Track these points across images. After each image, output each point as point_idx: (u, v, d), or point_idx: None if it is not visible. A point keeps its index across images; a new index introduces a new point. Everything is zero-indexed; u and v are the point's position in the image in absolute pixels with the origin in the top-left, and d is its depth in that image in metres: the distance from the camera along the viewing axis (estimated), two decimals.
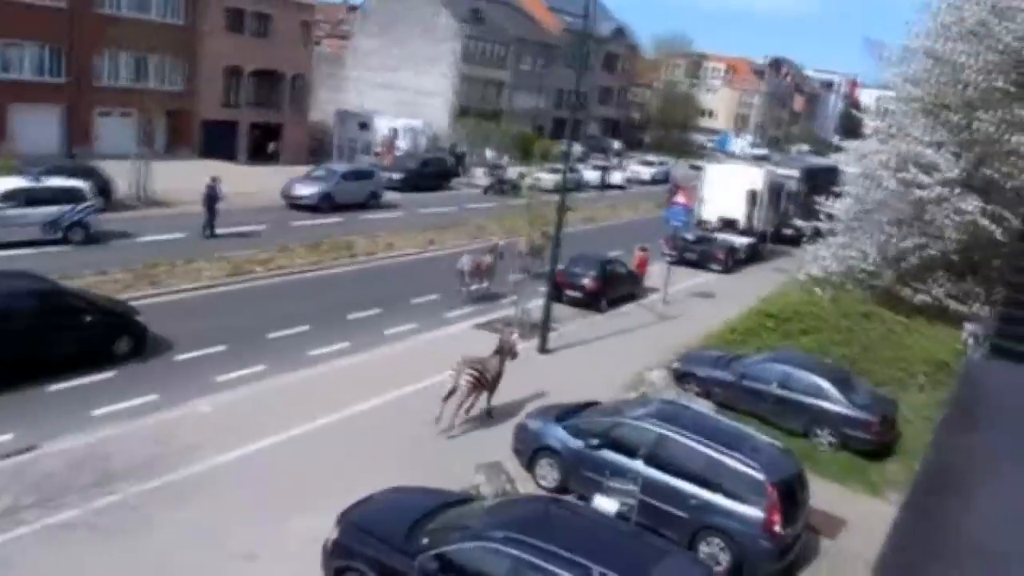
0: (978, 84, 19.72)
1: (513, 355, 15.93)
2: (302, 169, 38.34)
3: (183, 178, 31.76)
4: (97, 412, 14.00)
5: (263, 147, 48.07)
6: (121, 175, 29.92)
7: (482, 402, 15.41)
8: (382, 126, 50.87)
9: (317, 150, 50.92)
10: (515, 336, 16.69)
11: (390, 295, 22.94)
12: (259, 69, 47.14)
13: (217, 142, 44.36)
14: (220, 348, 17.53)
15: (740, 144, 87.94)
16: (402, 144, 50.00)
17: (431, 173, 44.71)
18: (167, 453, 12.61)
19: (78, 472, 11.77)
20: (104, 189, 27.85)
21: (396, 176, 41.84)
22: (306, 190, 33.95)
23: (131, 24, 38.86)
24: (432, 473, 12.53)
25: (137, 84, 40.25)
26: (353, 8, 71.22)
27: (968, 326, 17.48)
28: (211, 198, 27.11)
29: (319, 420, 14.47)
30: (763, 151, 78.76)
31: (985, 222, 18.96)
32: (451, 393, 14.77)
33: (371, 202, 36.11)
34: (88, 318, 15.73)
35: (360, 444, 13.80)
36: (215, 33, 43.80)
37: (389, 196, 38.13)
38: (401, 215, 35.34)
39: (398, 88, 61.33)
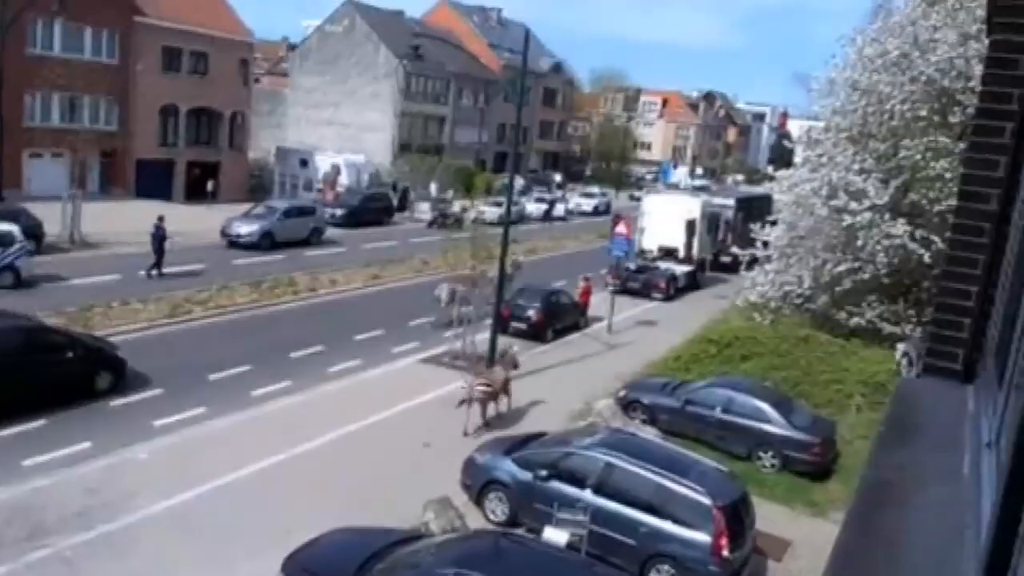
0: (902, 114, 20.57)
1: (515, 365, 18.35)
2: (242, 207, 37.87)
3: (118, 219, 31.06)
4: (27, 462, 13.45)
5: (202, 186, 47.37)
6: (53, 217, 29.11)
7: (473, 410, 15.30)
8: (323, 162, 50.64)
9: (258, 188, 50.38)
10: (515, 349, 19.22)
11: (334, 332, 22.67)
12: (196, 107, 46.60)
13: (153, 182, 43.56)
14: (158, 391, 17.07)
15: (681, 175, 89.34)
16: (344, 180, 49.82)
17: (374, 208, 44.60)
18: (102, 503, 12.18)
19: (8, 526, 11.27)
20: (35, 232, 27.06)
21: (338, 212, 41.61)
22: (246, 228, 33.50)
23: (63, 65, 38.15)
24: (381, 511, 12.34)
25: (69, 125, 39.41)
26: (292, 46, 71.07)
27: (900, 346, 18.04)
28: (159, 238, 26.71)
29: (262, 462, 14.15)
30: (703, 181, 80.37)
31: (914, 246, 19.66)
32: (463, 403, 16.38)
33: (313, 239, 35.79)
34: (70, 354, 16.16)
35: (305, 485, 13.52)
36: (150, 72, 43.21)
37: (332, 232, 37.86)
38: (344, 251, 35.09)
39: (339, 124, 61.23)
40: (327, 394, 18.22)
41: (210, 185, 47.63)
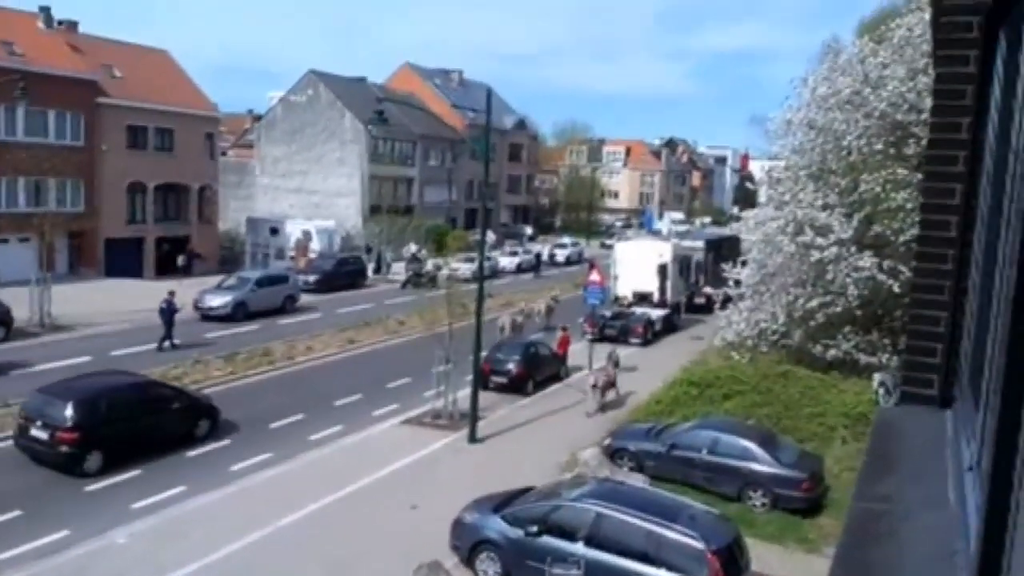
0: (859, 149, 21.06)
1: (617, 364, 24.33)
2: (214, 280, 37.66)
3: (88, 300, 30.74)
4: (1, 556, 13.05)
5: (172, 261, 47.13)
6: (22, 302, 28.73)
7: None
8: (294, 230, 50.67)
9: (229, 259, 50.20)
10: (617, 350, 25.56)
11: (312, 400, 22.41)
12: (164, 183, 46.61)
13: (123, 260, 43.28)
14: (135, 472, 16.69)
15: (665, 221, 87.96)
16: (316, 246, 49.82)
17: (347, 272, 44.55)
18: None
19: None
20: (3, 318, 26.67)
21: (312, 278, 41.50)
22: (218, 300, 33.27)
23: (26, 149, 38.09)
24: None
25: (35, 208, 39.12)
26: (258, 117, 71.63)
27: (876, 376, 18.16)
28: (170, 312, 26.98)
29: (244, 538, 13.83)
30: (686, 227, 79.99)
31: (882, 277, 19.96)
32: (594, 387, 22.24)
33: (288, 307, 35.60)
34: (176, 405, 18.54)
35: (291, 557, 13.22)
36: (116, 151, 43.25)
37: (306, 299, 37.70)
38: (319, 317, 34.89)
39: (308, 191, 61.48)
40: (310, 463, 17.94)
41: (181, 260, 47.38)
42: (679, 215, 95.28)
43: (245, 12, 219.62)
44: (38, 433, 16.34)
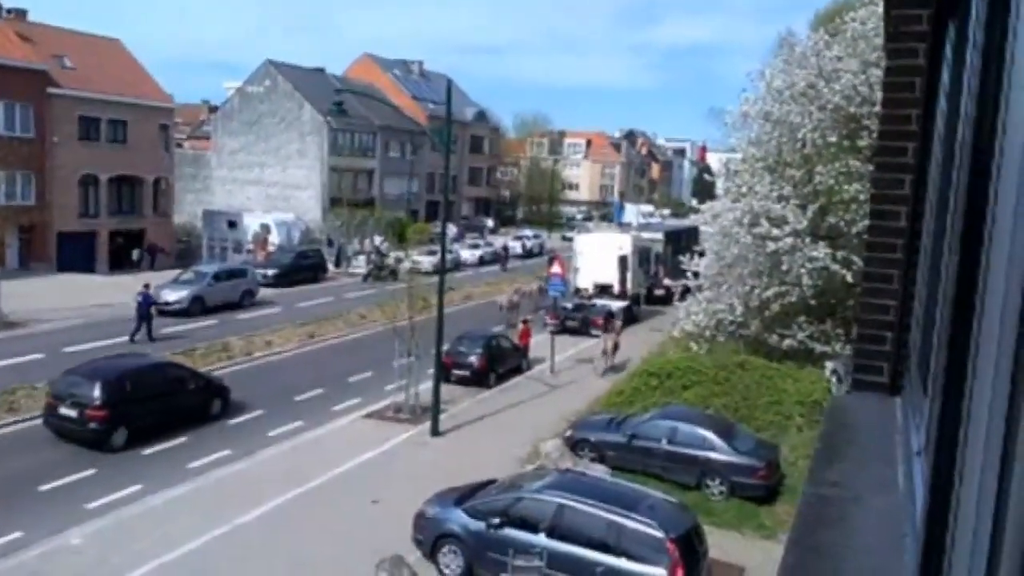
0: (813, 141, 21.37)
1: (619, 331, 27.30)
2: (170, 274, 37.00)
3: (40, 295, 30.01)
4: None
5: (126, 255, 46.20)
6: None
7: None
8: (252, 223, 49.98)
9: (186, 253, 49.37)
10: (618, 323, 28.61)
11: (271, 395, 22.16)
12: (117, 176, 45.63)
13: (75, 254, 42.31)
14: (89, 472, 16.39)
15: (632, 214, 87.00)
16: (275, 239, 49.20)
17: (307, 266, 44.07)
18: None
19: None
20: None
21: (271, 272, 40.95)
22: (175, 295, 32.67)
23: None
24: (324, 572, 12.01)
25: None
26: (214, 108, 70.44)
27: (829, 364, 18.52)
28: (146, 304, 27.12)
29: (202, 536, 13.66)
30: (657, 219, 79.53)
31: (836, 267, 20.30)
32: (604, 352, 25.97)
33: (246, 301, 35.11)
34: (192, 385, 19.84)
35: (251, 555, 13.08)
36: (67, 143, 42.24)
37: (265, 293, 37.23)
38: (278, 311, 34.49)
39: (266, 184, 60.66)
40: (269, 459, 17.76)
41: (135, 254, 46.47)
42: (649, 207, 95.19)
43: (202, 2, 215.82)
44: (67, 411, 17.56)
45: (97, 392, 17.47)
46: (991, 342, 1.27)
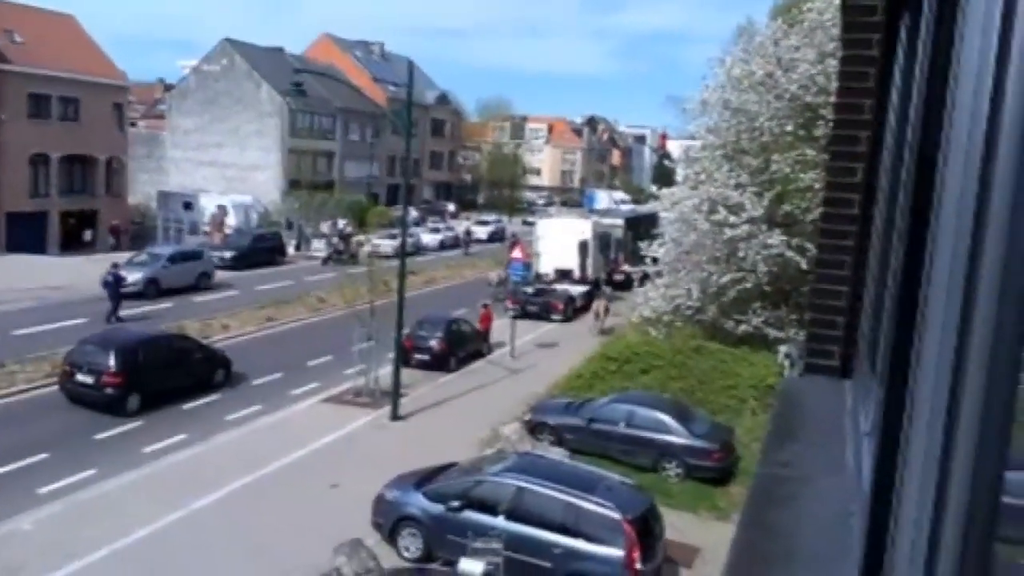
0: (771, 130, 21.66)
1: (611, 298, 30.47)
2: (124, 256, 36.24)
3: None
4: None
5: (78, 236, 45.12)
6: None
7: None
8: (209, 205, 49.11)
9: (140, 235, 48.36)
10: (608, 290, 32.20)
11: (228, 379, 21.90)
12: (69, 155, 44.44)
13: (25, 234, 41.18)
14: (41, 456, 16.07)
15: (606, 200, 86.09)
16: (232, 221, 48.43)
17: (265, 248, 43.46)
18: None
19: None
20: None
21: (228, 255, 40.32)
22: (129, 277, 32.00)
23: None
24: (289, 560, 11.96)
25: None
26: (169, 87, 68.94)
27: (782, 348, 18.88)
28: (116, 284, 27.17)
29: (156, 522, 13.50)
30: (631, 206, 78.76)
31: (791, 254, 20.65)
32: (597, 316, 29.30)
33: (202, 283, 34.57)
34: (198, 355, 21.16)
35: (207, 540, 12.97)
36: (17, 120, 40.99)
37: (222, 276, 36.67)
38: (236, 294, 34.01)
39: (223, 165, 59.62)
40: (225, 444, 17.59)
41: (87, 235, 45.42)
42: (621, 194, 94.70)
43: None
44: (84, 378, 18.77)
45: (112, 360, 18.62)
46: (935, 327, 1.31)
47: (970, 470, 1.08)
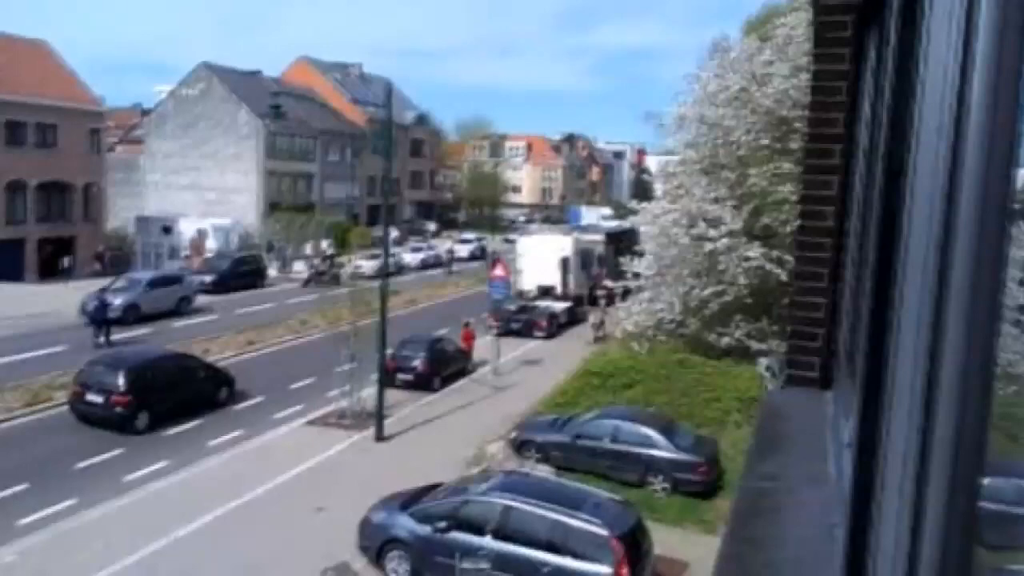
0: (747, 144, 21.87)
1: (605, 308, 30.59)
2: (104, 281, 35.88)
3: None
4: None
5: (55, 263, 44.65)
6: None
7: None
8: (188, 229, 48.83)
9: (119, 260, 47.94)
10: (603, 303, 31.37)
11: (210, 403, 21.67)
12: (46, 181, 44.07)
13: (2, 262, 40.67)
14: (21, 487, 15.82)
15: (593, 216, 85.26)
16: (212, 245, 48.15)
17: (246, 272, 43.18)
18: None
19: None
20: None
21: (208, 278, 40.00)
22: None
23: None
24: None
25: None
26: (146, 112, 68.63)
27: (763, 361, 18.96)
28: (102, 309, 27.28)
29: (139, 551, 13.30)
30: (616, 222, 77.25)
31: (770, 266, 20.80)
32: (593, 324, 30.48)
33: (183, 308, 34.28)
34: (203, 374, 21.68)
35: (191, 569, 12.79)
36: None
37: (202, 300, 36.39)
38: (216, 318, 33.75)
39: (202, 188, 59.33)
40: (208, 470, 17.39)
41: (66, 261, 44.94)
42: (607, 211, 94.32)
43: (133, 4, 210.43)
44: (94, 398, 19.20)
45: (122, 380, 19.14)
46: (908, 336, 1.33)
47: (947, 477, 1.08)
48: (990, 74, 1.01)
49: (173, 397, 20.14)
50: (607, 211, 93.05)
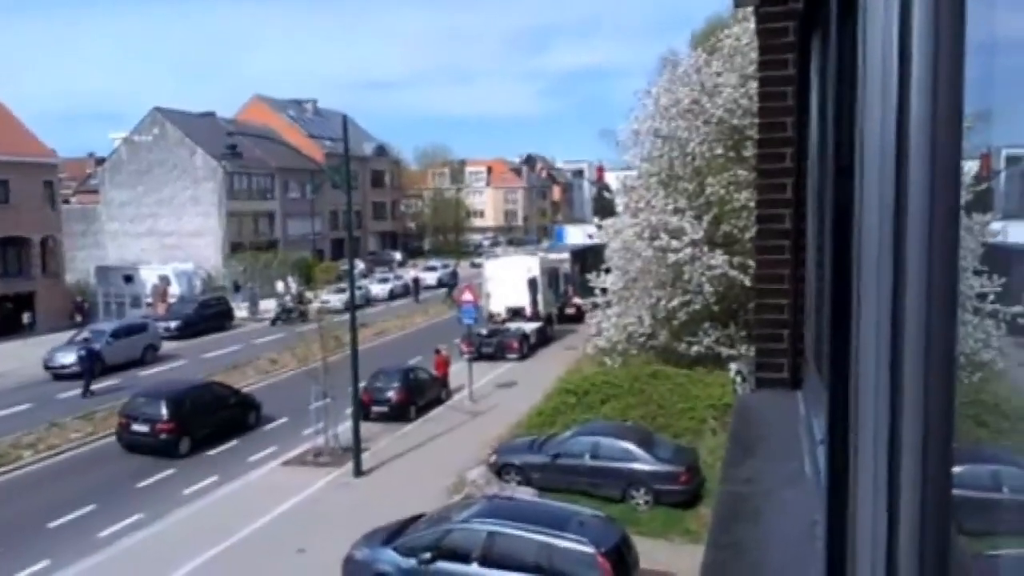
0: (702, 154, 22.17)
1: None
2: (66, 335, 35.20)
3: None
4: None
5: (16, 320, 43.67)
6: None
7: None
8: (150, 276, 48.16)
9: (81, 312, 47.05)
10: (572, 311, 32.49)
11: (182, 452, 21.29)
12: (1, 237, 43.25)
13: None
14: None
15: (580, 234, 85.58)
16: (175, 290, 47.51)
17: (211, 314, 42.65)
18: None
19: None
20: None
21: (173, 324, 39.44)
22: (71, 356, 30.98)
23: None
24: None
25: None
26: (100, 160, 67.78)
27: (732, 366, 19.13)
28: (89, 358, 28.11)
29: None
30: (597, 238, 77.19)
31: (734, 273, 21.03)
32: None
33: (149, 357, 33.72)
34: (232, 400, 23.65)
35: None
36: None
37: (169, 346, 35.84)
38: (184, 364, 33.23)
39: (162, 234, 58.64)
40: (183, 520, 17.04)
41: (26, 317, 43.97)
42: (592, 228, 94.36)
43: (83, 56, 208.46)
44: (139, 428, 21.17)
45: (164, 410, 21.04)
46: (868, 330, 1.34)
47: (918, 465, 1.10)
48: (929, 66, 1.03)
49: (209, 422, 22.01)
50: (593, 229, 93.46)
